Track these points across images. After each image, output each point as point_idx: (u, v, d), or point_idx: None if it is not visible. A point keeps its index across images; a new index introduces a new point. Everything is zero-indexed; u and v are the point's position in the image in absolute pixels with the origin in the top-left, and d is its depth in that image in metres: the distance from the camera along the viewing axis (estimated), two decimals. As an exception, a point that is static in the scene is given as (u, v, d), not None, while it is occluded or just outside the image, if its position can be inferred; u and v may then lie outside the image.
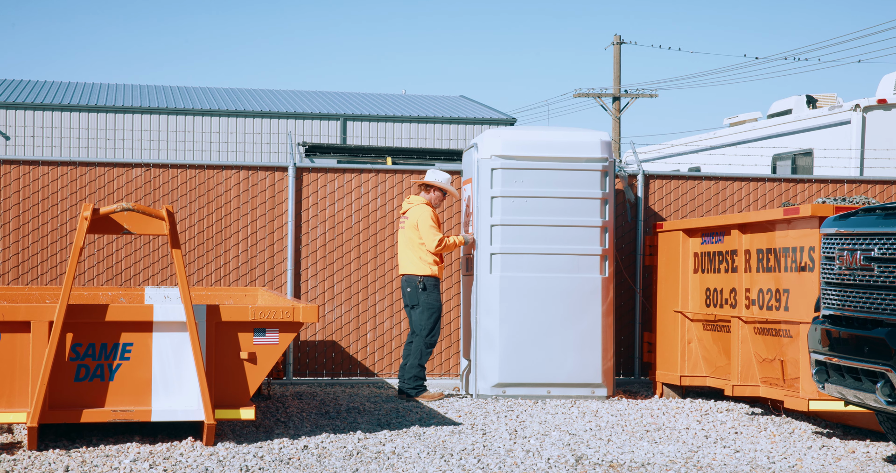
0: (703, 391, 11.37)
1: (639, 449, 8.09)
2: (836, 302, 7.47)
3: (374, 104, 35.61)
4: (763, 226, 9.58)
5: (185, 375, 7.95)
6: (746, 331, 9.75)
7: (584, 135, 11.18)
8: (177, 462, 7.33)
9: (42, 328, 7.73)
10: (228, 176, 11.89)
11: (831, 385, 7.48)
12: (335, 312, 11.96)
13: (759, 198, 12.59)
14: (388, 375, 12.03)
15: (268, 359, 8.14)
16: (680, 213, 12.49)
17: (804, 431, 9.03)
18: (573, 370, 10.86)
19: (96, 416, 7.82)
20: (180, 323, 7.94)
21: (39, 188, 11.54)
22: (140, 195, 11.67)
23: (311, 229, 11.96)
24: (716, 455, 7.90)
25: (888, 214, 7.12)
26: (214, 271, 11.81)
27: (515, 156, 10.82)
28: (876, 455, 8.02)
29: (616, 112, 39.12)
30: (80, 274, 11.51)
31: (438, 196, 11.08)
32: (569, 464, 7.49)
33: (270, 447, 7.92)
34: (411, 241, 10.78)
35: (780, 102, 18.95)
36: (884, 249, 6.97)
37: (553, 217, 10.83)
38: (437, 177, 11.06)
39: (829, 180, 12.71)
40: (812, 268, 8.74)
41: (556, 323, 10.84)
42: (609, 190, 11.06)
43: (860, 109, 15.76)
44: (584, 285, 10.92)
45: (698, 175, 12.65)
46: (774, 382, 9.38)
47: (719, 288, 10.28)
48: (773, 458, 7.82)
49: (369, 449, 7.91)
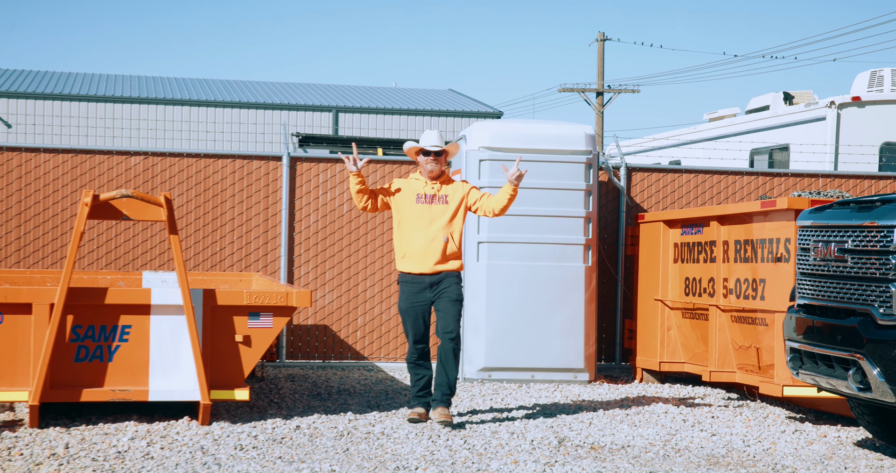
0: (681, 377, 11.41)
1: (619, 432, 8.11)
2: (810, 292, 7.49)
3: (366, 97, 35.55)
4: (741, 218, 9.60)
5: (181, 356, 7.95)
6: (724, 319, 9.77)
7: (569, 128, 11.18)
8: (173, 441, 7.33)
9: (43, 310, 7.72)
10: (224, 165, 11.86)
11: (805, 372, 7.51)
12: (327, 297, 11.95)
13: (738, 191, 12.61)
14: (377, 358, 12.03)
15: (262, 342, 8.13)
16: (661, 204, 12.50)
17: (778, 416, 9.06)
18: (557, 356, 10.88)
19: (95, 395, 7.81)
20: (177, 306, 7.93)
21: (41, 175, 11.50)
22: (139, 183, 11.64)
23: (304, 216, 11.94)
24: (693, 438, 7.93)
25: (861, 207, 7.14)
26: (210, 257, 11.78)
27: (503, 148, 10.81)
28: (847, 440, 8.06)
29: (599, 107, 39.10)
30: (81, 258, 11.47)
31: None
32: (552, 446, 7.50)
33: (264, 426, 7.91)
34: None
35: (757, 99, 18.97)
36: (857, 241, 6.99)
37: (538, 207, 10.83)
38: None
39: (805, 174, 12.74)
40: (788, 259, 8.76)
41: (541, 310, 10.85)
42: (593, 182, 11.06)
43: (835, 106, 15.80)
44: (568, 273, 10.93)
45: (679, 168, 12.66)
46: (750, 368, 9.41)
47: (698, 278, 10.30)
48: (749, 441, 7.85)
49: (359, 430, 7.92)
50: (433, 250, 8.21)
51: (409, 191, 8.37)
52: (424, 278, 8.25)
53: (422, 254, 8.22)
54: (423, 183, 8.38)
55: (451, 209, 8.30)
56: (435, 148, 8.34)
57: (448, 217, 8.28)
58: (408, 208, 8.32)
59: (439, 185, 8.36)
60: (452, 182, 8.44)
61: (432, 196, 8.31)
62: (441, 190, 8.35)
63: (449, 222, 8.28)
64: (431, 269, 8.22)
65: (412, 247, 8.26)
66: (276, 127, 31.48)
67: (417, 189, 8.35)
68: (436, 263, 8.22)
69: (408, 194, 8.35)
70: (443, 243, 8.23)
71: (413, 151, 8.50)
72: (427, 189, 8.33)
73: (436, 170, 8.36)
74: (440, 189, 8.35)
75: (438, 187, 8.35)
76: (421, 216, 8.27)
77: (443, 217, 8.27)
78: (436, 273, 8.24)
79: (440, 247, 8.22)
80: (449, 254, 8.26)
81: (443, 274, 8.25)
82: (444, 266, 8.25)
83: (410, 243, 8.28)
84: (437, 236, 8.23)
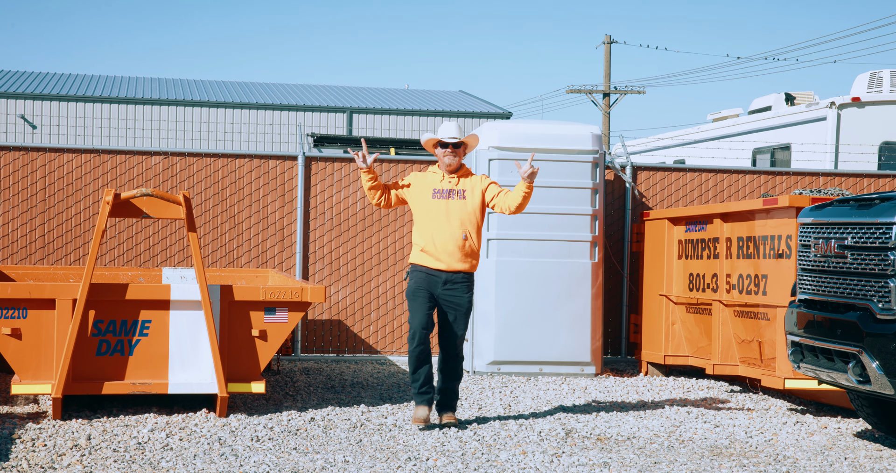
0: (685, 370, 11.39)
1: (625, 424, 8.11)
2: (811, 287, 7.48)
3: (379, 98, 35.55)
4: (743, 215, 9.58)
5: (199, 350, 7.97)
6: (727, 314, 9.76)
7: (577, 128, 11.17)
8: (192, 432, 7.35)
9: (66, 305, 7.74)
10: (241, 164, 11.88)
11: (806, 365, 7.50)
12: (341, 292, 11.96)
13: (740, 189, 12.59)
14: (389, 352, 12.04)
15: (277, 336, 8.15)
16: (665, 202, 12.48)
17: (780, 408, 9.05)
18: (564, 349, 10.87)
19: (116, 388, 7.83)
20: (196, 302, 7.95)
21: (64, 174, 11.53)
22: (158, 182, 11.66)
23: (318, 214, 11.96)
24: (697, 430, 7.92)
25: (861, 205, 7.13)
26: (228, 254, 11.81)
27: (512, 147, 10.81)
28: (846, 431, 8.04)
29: (606, 107, 39.05)
30: (102, 255, 11.51)
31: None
32: (559, 437, 7.50)
33: (279, 418, 7.93)
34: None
35: (760, 100, 18.93)
36: (856, 237, 6.98)
37: (546, 205, 10.82)
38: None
39: (806, 172, 12.71)
40: (789, 255, 8.74)
41: (549, 305, 10.85)
42: (599, 180, 11.05)
43: (835, 107, 15.76)
44: (575, 269, 10.92)
45: (683, 167, 12.64)
46: (752, 362, 9.40)
47: (702, 273, 10.29)
48: (751, 433, 7.84)
49: (372, 422, 7.93)
50: (451, 248, 7.63)
51: (424, 185, 7.76)
52: (441, 275, 7.65)
53: (439, 251, 7.63)
54: (440, 177, 7.78)
55: (469, 205, 7.70)
56: (453, 140, 7.74)
57: (466, 213, 7.68)
58: (423, 202, 7.72)
59: (457, 179, 7.76)
60: (471, 176, 7.85)
61: (449, 191, 7.70)
62: (459, 184, 7.74)
63: (467, 218, 7.68)
64: (448, 266, 7.64)
65: (429, 243, 7.64)
66: (291, 127, 31.51)
67: (434, 183, 7.75)
68: (454, 261, 7.65)
69: (423, 188, 7.75)
70: (461, 240, 7.64)
71: (430, 143, 7.86)
72: (444, 183, 7.73)
73: (454, 163, 7.76)
74: (458, 183, 7.74)
75: (456, 180, 7.75)
76: (437, 212, 7.66)
77: (461, 213, 7.67)
78: (452, 272, 7.66)
79: (458, 244, 7.64)
80: (467, 252, 7.68)
81: (459, 275, 7.68)
82: (462, 265, 7.66)
83: (428, 238, 7.66)
84: (455, 233, 7.63)
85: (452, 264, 7.65)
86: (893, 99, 15.99)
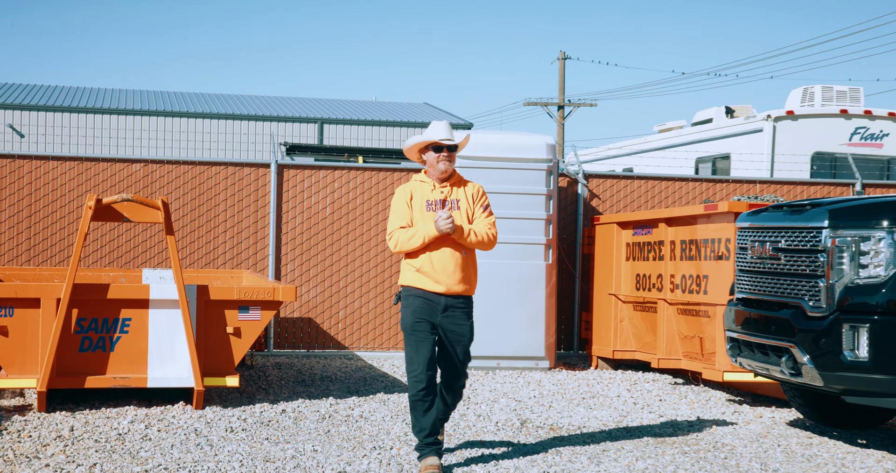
0: (632, 364, 11.45)
1: (576, 414, 8.14)
2: (748, 287, 7.54)
3: (348, 109, 35.48)
4: (686, 220, 9.65)
5: (177, 347, 7.92)
6: (671, 312, 9.82)
7: (532, 138, 11.20)
8: (169, 424, 7.30)
9: (51, 304, 7.68)
10: (217, 171, 11.81)
11: (743, 359, 7.56)
12: (311, 292, 11.92)
13: (684, 196, 12.67)
14: (357, 348, 12.00)
15: (251, 333, 8.11)
16: (615, 208, 12.54)
17: (719, 399, 9.11)
18: (520, 345, 10.89)
19: (98, 382, 7.77)
20: (174, 301, 7.90)
21: (49, 181, 11.42)
22: (139, 188, 11.57)
23: (290, 219, 11.91)
24: (643, 419, 7.96)
25: (794, 210, 7.20)
26: (204, 255, 11.73)
27: (472, 156, 10.82)
28: (780, 420, 8.11)
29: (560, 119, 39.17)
30: (85, 257, 11.41)
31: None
32: (515, 427, 7.52)
33: (252, 410, 7.89)
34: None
35: (702, 112, 19.05)
36: (789, 241, 7.05)
37: (504, 210, 10.84)
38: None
39: (744, 180, 12.81)
40: (728, 257, 8.81)
41: (506, 303, 10.87)
42: (553, 187, 11.09)
43: (771, 119, 15.89)
44: (530, 270, 10.95)
45: (631, 175, 12.70)
46: (694, 356, 9.46)
47: (648, 274, 10.35)
48: (692, 422, 7.89)
49: (340, 413, 7.91)
50: (451, 267, 6.08)
51: (418, 198, 6.21)
52: (440, 299, 6.09)
53: (438, 271, 6.07)
54: (430, 186, 6.24)
55: (465, 215, 6.20)
56: (449, 142, 6.20)
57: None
58: (419, 217, 6.16)
59: (450, 187, 6.23)
60: (465, 184, 6.31)
61: (442, 201, 6.19)
62: (452, 193, 6.23)
63: None
64: (447, 289, 6.07)
65: (426, 262, 6.09)
66: (265, 137, 31.37)
67: (426, 195, 6.20)
68: (454, 282, 6.08)
69: (417, 201, 6.20)
70: (461, 257, 6.12)
71: (419, 147, 6.27)
72: (436, 194, 6.20)
73: (450, 169, 6.22)
74: (451, 192, 6.23)
75: (449, 190, 6.22)
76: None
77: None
78: (452, 295, 6.10)
79: (458, 262, 6.10)
80: (468, 270, 6.16)
81: (460, 299, 6.12)
82: (461, 287, 6.10)
83: (424, 257, 6.09)
84: (453, 250, 6.10)
85: (452, 286, 6.08)
86: (824, 112, 16.16)
